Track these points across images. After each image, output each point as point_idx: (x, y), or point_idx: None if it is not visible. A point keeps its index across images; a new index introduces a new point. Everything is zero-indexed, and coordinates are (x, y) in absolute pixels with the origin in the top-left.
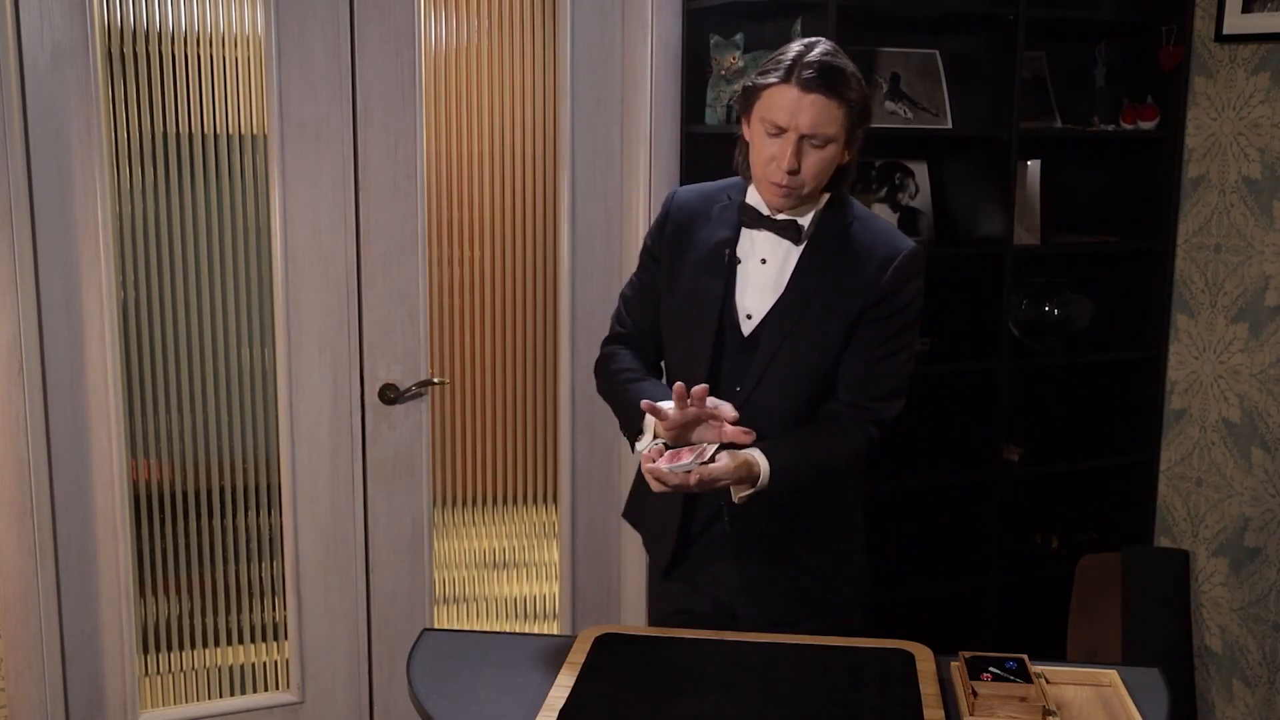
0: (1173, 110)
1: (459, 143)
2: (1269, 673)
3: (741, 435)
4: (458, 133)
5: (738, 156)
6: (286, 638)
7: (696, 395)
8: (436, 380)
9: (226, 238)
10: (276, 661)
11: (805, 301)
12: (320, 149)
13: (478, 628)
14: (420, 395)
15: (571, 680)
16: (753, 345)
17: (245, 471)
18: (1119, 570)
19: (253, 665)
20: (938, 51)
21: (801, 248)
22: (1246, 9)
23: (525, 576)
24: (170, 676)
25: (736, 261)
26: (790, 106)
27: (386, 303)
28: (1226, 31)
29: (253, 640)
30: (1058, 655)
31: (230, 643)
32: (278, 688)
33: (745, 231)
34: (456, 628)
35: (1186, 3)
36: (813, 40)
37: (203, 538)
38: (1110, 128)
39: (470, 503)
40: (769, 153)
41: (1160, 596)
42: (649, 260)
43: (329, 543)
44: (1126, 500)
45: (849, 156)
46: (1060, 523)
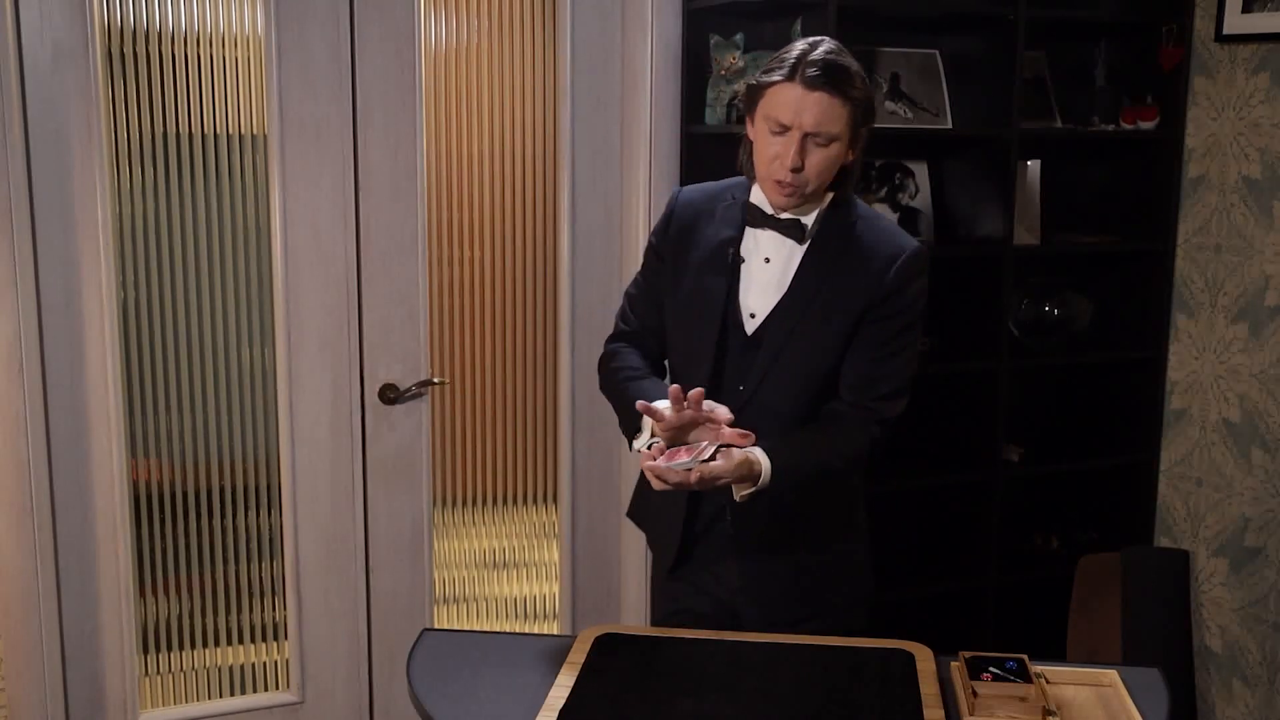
0: (1173, 110)
1: (459, 143)
2: (1269, 673)
3: (738, 438)
4: (458, 133)
5: (742, 155)
6: (286, 638)
7: (693, 398)
8: (436, 380)
9: (226, 238)
10: (276, 661)
11: (809, 301)
12: (320, 149)
13: (478, 628)
14: (420, 395)
15: (571, 680)
16: (756, 344)
17: (245, 471)
18: (1119, 570)
19: (253, 665)
20: (938, 51)
21: (805, 247)
22: (1246, 9)
23: (525, 576)
24: (170, 676)
25: (740, 260)
26: (794, 104)
27: (386, 303)
28: (1226, 31)
29: (253, 640)
30: (1058, 655)
31: (230, 643)
32: (278, 688)
33: (749, 230)
34: (456, 628)
35: (1186, 3)
36: (817, 39)
37: (203, 538)
38: (1110, 128)
39: (470, 503)
40: (773, 151)
41: (1160, 596)
42: (653, 259)
43: (329, 543)
44: (1126, 500)
45: (853, 156)
46: (1060, 523)
